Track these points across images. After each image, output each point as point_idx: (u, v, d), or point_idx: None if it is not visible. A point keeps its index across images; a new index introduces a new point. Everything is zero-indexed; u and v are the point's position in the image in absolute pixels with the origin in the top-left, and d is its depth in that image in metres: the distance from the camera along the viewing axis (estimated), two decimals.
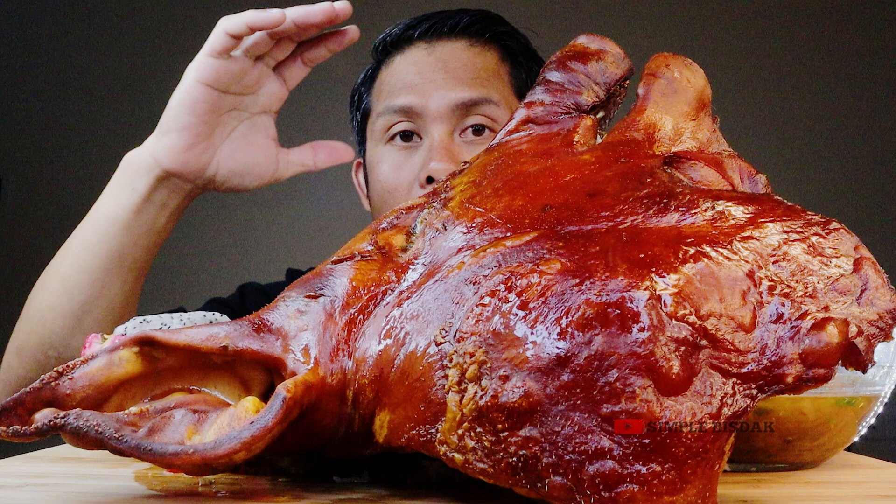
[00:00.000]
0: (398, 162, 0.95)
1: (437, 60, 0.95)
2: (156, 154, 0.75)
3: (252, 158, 0.78)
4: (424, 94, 0.93)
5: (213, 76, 0.73)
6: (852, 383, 0.51)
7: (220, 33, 0.73)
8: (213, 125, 0.75)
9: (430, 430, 0.38)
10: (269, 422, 0.37)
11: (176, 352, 0.42)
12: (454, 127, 0.93)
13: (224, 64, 0.73)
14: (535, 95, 0.53)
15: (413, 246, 0.45)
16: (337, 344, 0.41)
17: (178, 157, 0.75)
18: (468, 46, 0.96)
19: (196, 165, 0.75)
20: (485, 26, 0.98)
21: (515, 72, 0.99)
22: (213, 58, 0.73)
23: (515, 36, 1.01)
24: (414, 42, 0.98)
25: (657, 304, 0.35)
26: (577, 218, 0.41)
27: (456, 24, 0.97)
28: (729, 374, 0.35)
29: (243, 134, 0.77)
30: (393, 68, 0.98)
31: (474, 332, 0.37)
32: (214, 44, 0.73)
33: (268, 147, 0.78)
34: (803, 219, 0.39)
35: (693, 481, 0.34)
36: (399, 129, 0.94)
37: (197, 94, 0.74)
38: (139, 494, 0.42)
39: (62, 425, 0.38)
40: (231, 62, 0.74)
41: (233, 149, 0.77)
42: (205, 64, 0.73)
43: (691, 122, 0.49)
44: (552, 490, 0.35)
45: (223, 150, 0.76)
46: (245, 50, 0.74)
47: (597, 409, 0.34)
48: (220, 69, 0.73)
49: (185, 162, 0.75)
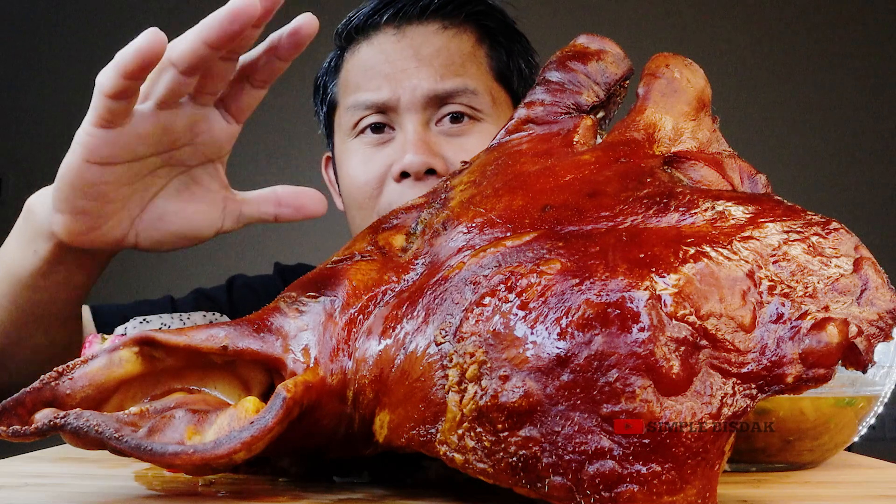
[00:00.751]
0: (368, 156, 0.87)
1: (407, 47, 0.87)
2: (52, 227, 0.57)
3: (185, 222, 0.58)
4: (395, 87, 0.85)
5: (108, 152, 0.52)
6: (852, 383, 0.51)
7: (98, 97, 0.50)
8: (124, 199, 0.55)
9: (430, 430, 0.38)
10: (269, 422, 0.37)
11: (176, 352, 0.42)
12: (429, 117, 0.86)
13: (119, 134, 0.52)
14: (535, 95, 0.53)
15: (413, 246, 0.45)
16: (337, 344, 0.41)
17: (77, 239, 0.57)
18: (441, 30, 0.88)
19: (105, 242, 0.57)
20: (459, 6, 0.89)
21: (494, 52, 0.91)
22: (100, 129, 0.51)
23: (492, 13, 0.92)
24: (381, 27, 0.89)
25: (657, 304, 0.35)
26: (577, 218, 0.41)
27: (427, 5, 0.88)
28: (729, 374, 0.35)
29: (176, 191, 0.58)
30: (359, 57, 0.89)
31: (474, 332, 0.37)
32: (99, 111, 0.51)
33: (210, 201, 0.59)
34: (803, 219, 0.39)
35: (693, 481, 0.34)
36: (368, 122, 0.87)
37: (90, 177, 0.53)
38: (139, 494, 0.42)
39: (62, 425, 0.38)
40: (133, 127, 0.52)
41: (158, 215, 0.57)
42: (93, 138, 0.52)
43: (691, 122, 0.49)
44: (552, 490, 0.35)
45: (144, 220, 0.57)
46: (157, 102, 0.52)
47: (597, 409, 0.34)
48: (115, 142, 0.52)
49: (90, 241, 0.57)
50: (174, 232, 0.58)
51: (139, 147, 0.53)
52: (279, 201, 0.60)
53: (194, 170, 0.58)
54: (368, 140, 0.88)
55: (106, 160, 0.53)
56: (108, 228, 0.56)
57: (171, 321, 0.60)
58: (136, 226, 0.57)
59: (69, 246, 0.58)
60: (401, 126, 0.86)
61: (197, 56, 0.50)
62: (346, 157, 0.90)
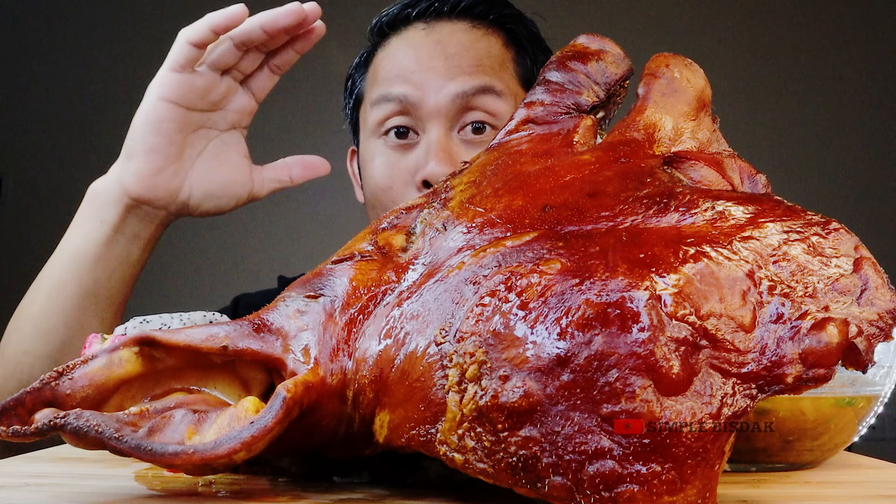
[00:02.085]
0: (393, 161, 0.88)
1: (435, 43, 0.88)
2: (123, 182, 0.71)
3: (226, 178, 0.73)
4: (421, 85, 0.86)
5: (177, 92, 0.69)
6: (852, 383, 0.51)
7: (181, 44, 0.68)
8: (182, 145, 0.71)
9: (430, 430, 0.38)
10: (269, 422, 0.37)
11: (176, 352, 0.42)
12: (453, 123, 0.86)
13: (188, 79, 0.69)
14: (535, 95, 0.53)
15: (413, 246, 0.45)
16: (337, 344, 0.41)
17: (146, 183, 0.70)
18: (470, 28, 0.89)
19: (167, 190, 0.71)
20: (488, 7, 0.91)
21: (520, 59, 0.91)
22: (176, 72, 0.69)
23: (521, 20, 0.93)
24: (411, 22, 0.91)
25: (657, 304, 0.35)
26: (577, 218, 0.41)
27: (457, 3, 0.90)
28: (729, 374, 0.35)
29: (214, 153, 0.73)
30: (388, 51, 0.91)
31: (474, 332, 0.37)
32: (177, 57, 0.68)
33: (241, 165, 0.74)
34: (803, 219, 0.39)
35: (693, 481, 0.34)
36: (393, 123, 0.88)
37: (162, 113, 0.69)
38: (139, 494, 0.42)
39: (62, 425, 0.38)
40: (196, 77, 0.69)
41: (205, 169, 0.72)
42: (168, 79, 0.69)
43: (691, 122, 0.49)
44: (552, 490, 0.35)
45: (195, 172, 0.72)
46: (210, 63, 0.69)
47: (597, 409, 0.34)
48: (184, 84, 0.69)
49: (154, 187, 0.70)
50: (218, 186, 0.72)
51: (194, 96, 0.69)
52: (290, 166, 0.76)
53: (224, 134, 0.73)
54: (393, 144, 0.88)
55: (175, 99, 0.69)
56: (171, 174, 0.70)
57: (172, 321, 0.60)
58: (190, 177, 0.72)
59: (136, 201, 0.70)
60: (424, 130, 0.87)
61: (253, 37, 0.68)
62: (371, 156, 0.91)
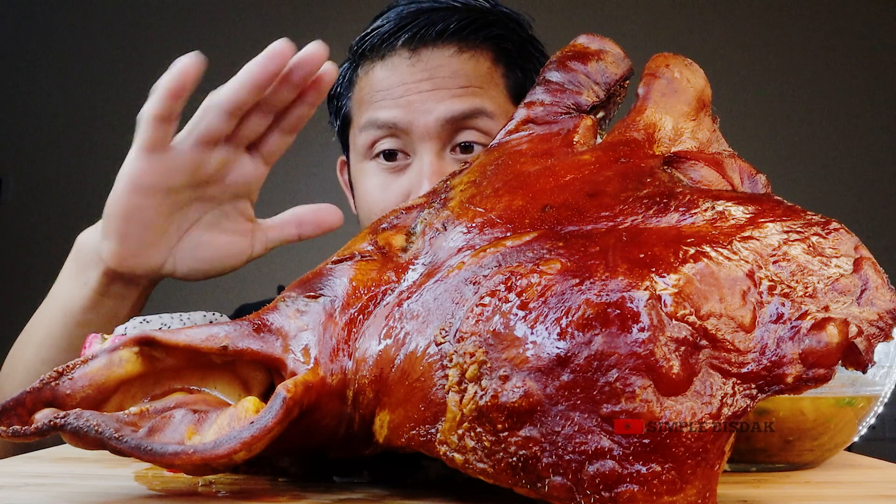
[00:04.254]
0: (384, 182, 0.86)
1: (422, 71, 0.85)
2: (100, 253, 0.64)
3: (218, 252, 0.65)
4: (410, 109, 0.84)
5: (151, 178, 0.59)
6: (852, 383, 0.51)
7: (147, 121, 0.58)
8: (164, 226, 0.62)
9: (430, 430, 0.38)
10: (269, 422, 0.37)
11: (176, 352, 0.42)
12: (444, 144, 0.84)
13: (164, 160, 0.59)
14: (535, 95, 0.53)
15: (413, 246, 0.45)
16: (337, 344, 0.41)
17: (123, 263, 0.63)
18: (457, 53, 0.86)
19: (147, 268, 0.64)
20: (476, 29, 0.87)
21: (510, 73, 0.89)
22: (147, 153, 0.59)
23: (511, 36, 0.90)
24: (396, 49, 0.87)
25: (657, 304, 0.35)
26: (577, 218, 0.41)
27: (444, 29, 0.86)
28: (729, 374, 0.35)
29: (210, 224, 0.64)
30: (373, 77, 0.88)
31: (474, 332, 0.37)
32: (145, 136, 0.58)
33: (241, 232, 0.65)
34: (803, 219, 0.39)
35: (693, 481, 0.34)
36: (383, 147, 0.86)
37: (135, 202, 0.60)
38: (139, 494, 0.42)
39: (62, 425, 0.38)
40: (174, 156, 0.59)
41: (195, 245, 0.64)
42: (138, 163, 0.59)
43: (691, 122, 0.49)
44: (552, 490, 0.35)
45: (182, 248, 0.64)
46: (197, 139, 0.59)
47: (597, 409, 0.34)
48: (159, 167, 0.59)
49: (134, 266, 0.63)
50: (208, 260, 0.65)
51: (176, 177, 0.60)
52: (300, 221, 0.67)
53: (225, 205, 0.64)
54: (384, 166, 0.87)
55: (148, 186, 0.60)
56: (150, 255, 0.63)
57: (172, 321, 0.60)
58: (174, 254, 0.64)
59: (116, 273, 0.64)
60: (415, 153, 0.85)
61: (239, 97, 0.58)
62: (363, 177, 0.89)
